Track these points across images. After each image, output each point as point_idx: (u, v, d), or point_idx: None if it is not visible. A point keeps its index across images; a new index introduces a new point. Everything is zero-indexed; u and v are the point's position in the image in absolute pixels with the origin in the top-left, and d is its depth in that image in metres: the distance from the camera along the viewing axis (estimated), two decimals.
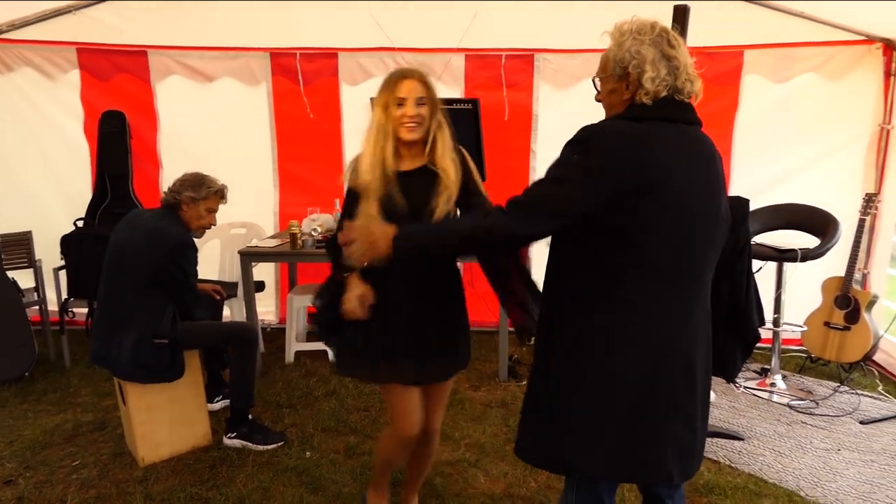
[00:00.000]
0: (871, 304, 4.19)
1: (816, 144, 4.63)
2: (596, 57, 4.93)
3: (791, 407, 3.85)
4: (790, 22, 4.46)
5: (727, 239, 3.22)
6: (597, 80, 1.77)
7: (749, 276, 3.25)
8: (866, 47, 4.49)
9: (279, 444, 3.34)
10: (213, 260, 4.63)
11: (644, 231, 1.60)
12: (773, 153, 4.66)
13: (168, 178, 4.77)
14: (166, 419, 3.23)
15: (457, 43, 4.57)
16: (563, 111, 4.74)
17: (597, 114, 5.10)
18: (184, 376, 3.19)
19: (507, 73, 4.69)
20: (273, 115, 4.81)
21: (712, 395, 3.82)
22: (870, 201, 4.29)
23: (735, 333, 3.26)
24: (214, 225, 3.34)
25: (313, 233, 4.22)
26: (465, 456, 3.23)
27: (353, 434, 3.45)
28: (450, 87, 4.70)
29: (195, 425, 3.35)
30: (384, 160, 2.16)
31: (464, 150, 2.32)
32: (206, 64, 4.73)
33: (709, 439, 3.41)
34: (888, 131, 4.52)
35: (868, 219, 4.29)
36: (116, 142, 4.78)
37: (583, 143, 1.62)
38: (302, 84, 4.68)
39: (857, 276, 4.41)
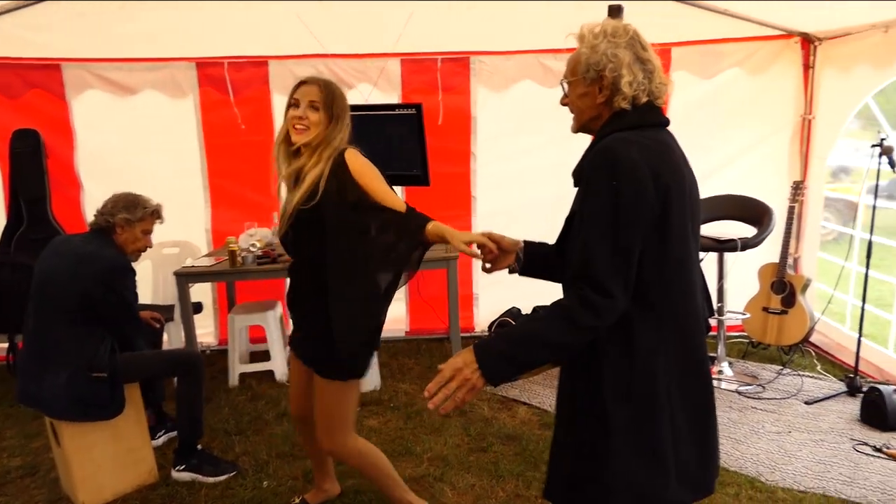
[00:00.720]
0: (805, 287, 4.35)
1: (744, 136, 4.79)
2: (532, 58, 4.97)
3: (740, 393, 3.95)
4: (714, 19, 4.59)
5: None
6: (565, 83, 1.71)
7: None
8: (785, 42, 4.67)
9: (232, 474, 3.17)
10: (145, 283, 4.37)
11: (669, 250, 1.56)
12: (704, 147, 4.77)
13: (90, 199, 4.51)
14: (108, 459, 3.02)
15: (391, 48, 4.49)
16: (501, 113, 4.74)
17: (535, 116, 5.10)
18: (124, 411, 2.98)
19: (443, 76, 4.64)
20: (201, 128, 4.60)
21: None
22: (797, 189, 4.45)
23: None
24: (150, 247, 3.15)
25: (252, 248, 4.05)
26: (430, 471, 3.15)
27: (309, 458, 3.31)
28: (386, 93, 4.62)
29: (139, 463, 3.14)
30: (277, 159, 2.35)
31: (348, 159, 2.27)
32: (126, 76, 4.48)
33: None
34: (809, 121, 4.72)
35: (796, 206, 4.46)
36: (30, 162, 4.48)
37: (616, 173, 1.51)
38: (232, 94, 4.49)
39: (789, 261, 4.57)
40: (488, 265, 1.98)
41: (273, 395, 4.04)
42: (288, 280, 2.53)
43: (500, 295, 4.85)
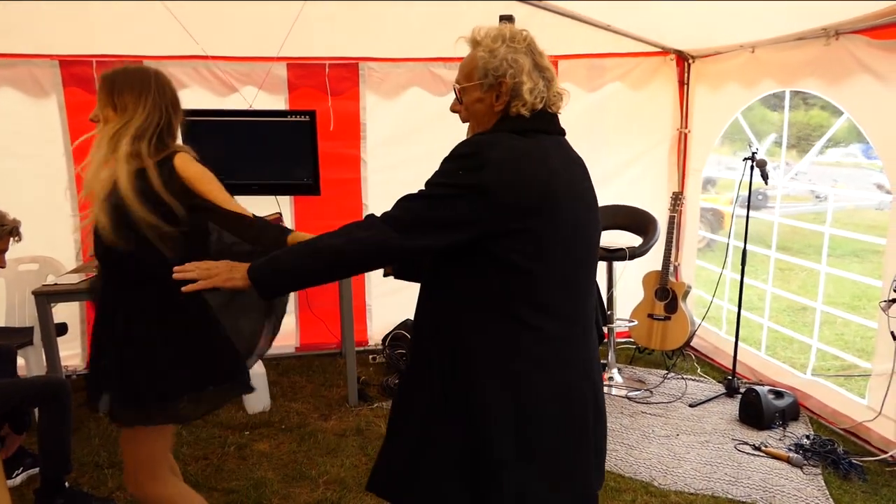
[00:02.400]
0: (686, 294, 4.55)
1: (627, 148, 4.97)
2: (421, 66, 4.92)
3: (630, 398, 4.06)
4: (598, 34, 4.74)
5: None
6: (458, 88, 1.63)
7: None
8: (662, 58, 4.90)
9: None
10: None
11: (543, 252, 1.51)
12: (589, 158, 4.80)
13: None
14: None
15: (277, 51, 4.30)
16: (391, 120, 4.66)
17: (425, 123, 5.06)
18: None
19: (331, 81, 4.50)
20: (67, 131, 4.19)
21: None
22: (676, 199, 4.67)
23: None
24: (3, 267, 2.81)
25: None
26: (327, 495, 3.01)
27: (194, 489, 3.05)
28: (273, 96, 4.42)
29: None
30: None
31: (179, 166, 1.97)
32: None
33: None
34: (685, 135, 4.97)
35: (676, 215, 4.67)
36: None
37: (472, 158, 1.49)
38: None
39: (670, 268, 4.77)
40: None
41: None
42: None
43: (394, 307, 4.76)
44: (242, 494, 3.03)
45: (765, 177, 3.78)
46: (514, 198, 1.46)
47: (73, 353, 4.46)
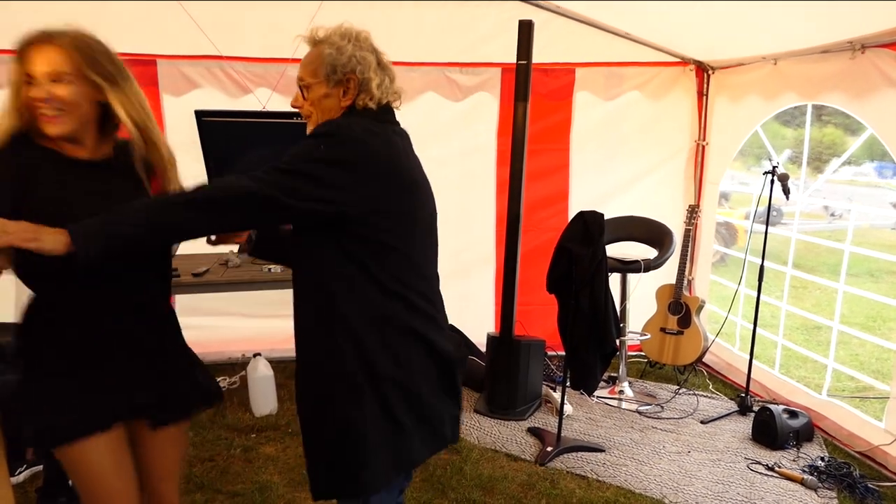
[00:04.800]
0: (699, 308, 4.48)
1: (643, 159, 4.91)
2: (437, 71, 4.87)
3: (640, 413, 3.99)
4: (617, 42, 4.68)
5: (585, 252, 3.27)
6: (302, 85, 1.70)
7: (607, 288, 3.32)
8: (682, 69, 4.83)
9: None
10: (6, 300, 3.92)
11: (405, 231, 1.64)
12: (605, 168, 4.86)
13: None
14: None
15: (292, 53, 4.26)
16: (405, 125, 4.60)
17: (440, 128, 5.03)
18: None
19: None
20: None
21: (568, 407, 3.87)
22: (692, 212, 4.61)
23: (596, 347, 3.32)
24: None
25: None
26: (332, 501, 2.94)
27: (199, 491, 3.03)
28: (287, 98, 4.32)
29: None
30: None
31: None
32: None
33: (575, 454, 3.43)
34: (703, 147, 4.90)
35: (692, 229, 4.61)
36: None
37: (336, 138, 1.57)
38: None
39: (684, 282, 4.71)
40: (213, 237, 1.86)
41: None
42: None
43: None
44: (247, 498, 2.98)
45: (786, 191, 3.71)
46: (374, 172, 1.56)
47: None
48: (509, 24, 3.88)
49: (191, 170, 4.60)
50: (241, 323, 4.62)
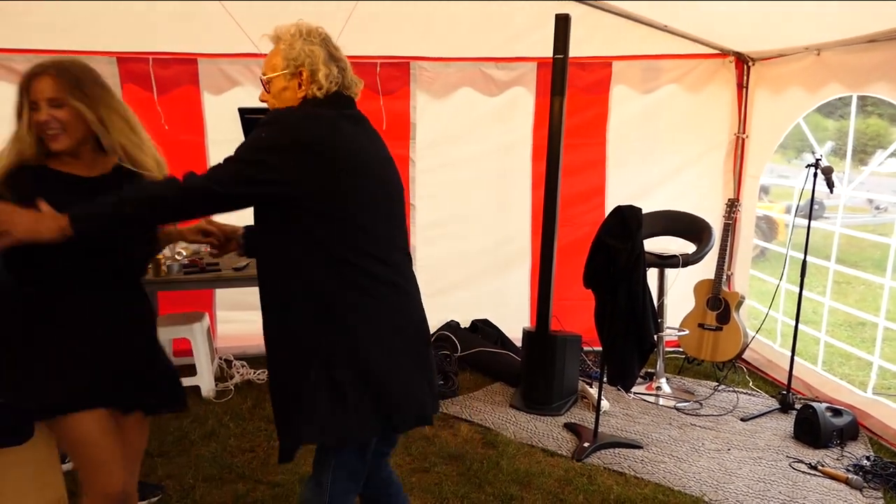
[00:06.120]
0: (739, 304, 4.41)
1: (681, 153, 4.85)
2: (473, 66, 4.86)
3: (678, 409, 3.95)
4: (654, 35, 4.62)
5: (623, 247, 3.24)
6: (264, 79, 1.85)
7: (645, 283, 3.29)
8: (721, 60, 4.76)
9: (156, 497, 2.93)
10: None
11: (361, 211, 1.76)
12: (642, 162, 4.82)
13: None
14: (11, 486, 2.68)
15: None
16: (441, 120, 4.63)
17: (476, 124, 5.02)
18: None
19: (382, 81, 4.49)
20: None
21: (605, 403, 3.85)
22: (732, 206, 4.54)
23: (633, 342, 3.29)
24: None
25: (177, 256, 3.79)
26: None
27: (240, 481, 3.10)
28: None
29: (47, 489, 2.81)
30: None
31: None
32: None
33: (612, 450, 3.42)
34: (743, 140, 4.82)
35: (731, 223, 4.54)
36: None
37: (276, 125, 1.74)
38: (156, 93, 4.19)
39: (723, 277, 4.63)
40: (215, 250, 2.15)
41: (199, 414, 3.77)
42: None
43: (437, 308, 4.74)
44: (287, 488, 3.03)
45: (830, 185, 3.63)
46: (315, 152, 1.70)
47: None
48: (545, 18, 3.86)
49: None
50: None
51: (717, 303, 4.41)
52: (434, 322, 4.74)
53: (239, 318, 4.51)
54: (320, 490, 1.89)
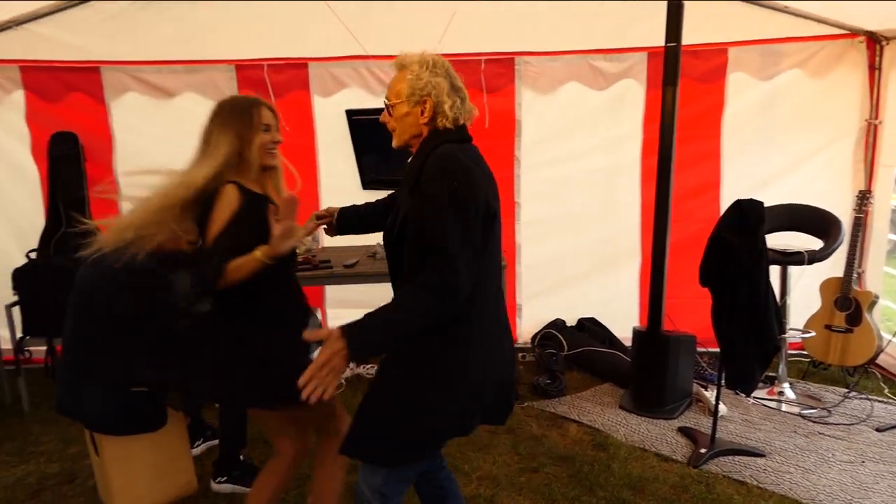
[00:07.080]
0: (872, 304, 4.09)
1: (804, 142, 4.54)
2: (580, 59, 4.77)
3: (803, 416, 3.71)
4: (774, 18, 4.34)
5: (743, 243, 3.08)
6: (387, 104, 1.94)
7: (768, 282, 3.10)
8: (849, 41, 4.41)
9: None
10: None
11: (489, 244, 1.85)
12: (761, 153, 4.55)
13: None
14: (146, 469, 2.89)
15: (434, 48, 4.33)
16: (547, 117, 4.56)
17: (584, 119, 4.89)
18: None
19: (487, 77, 4.47)
20: None
21: (723, 407, 3.67)
22: (863, 198, 4.21)
23: (754, 343, 3.11)
24: None
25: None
26: (480, 491, 3.00)
27: (354, 471, 3.16)
28: None
29: (177, 473, 3.01)
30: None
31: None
32: (165, 79, 4.39)
33: (731, 458, 3.25)
34: (875, 126, 4.46)
35: (862, 216, 4.21)
36: (69, 165, 4.42)
37: (456, 173, 1.78)
38: (273, 96, 4.37)
39: (853, 275, 4.31)
40: (330, 232, 2.41)
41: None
42: None
43: (544, 306, 4.71)
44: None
45: None
46: (485, 194, 1.81)
47: None
48: (655, 6, 3.72)
49: (335, 166, 4.79)
50: None
51: (847, 303, 4.11)
52: (539, 320, 4.73)
53: (348, 314, 4.57)
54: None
